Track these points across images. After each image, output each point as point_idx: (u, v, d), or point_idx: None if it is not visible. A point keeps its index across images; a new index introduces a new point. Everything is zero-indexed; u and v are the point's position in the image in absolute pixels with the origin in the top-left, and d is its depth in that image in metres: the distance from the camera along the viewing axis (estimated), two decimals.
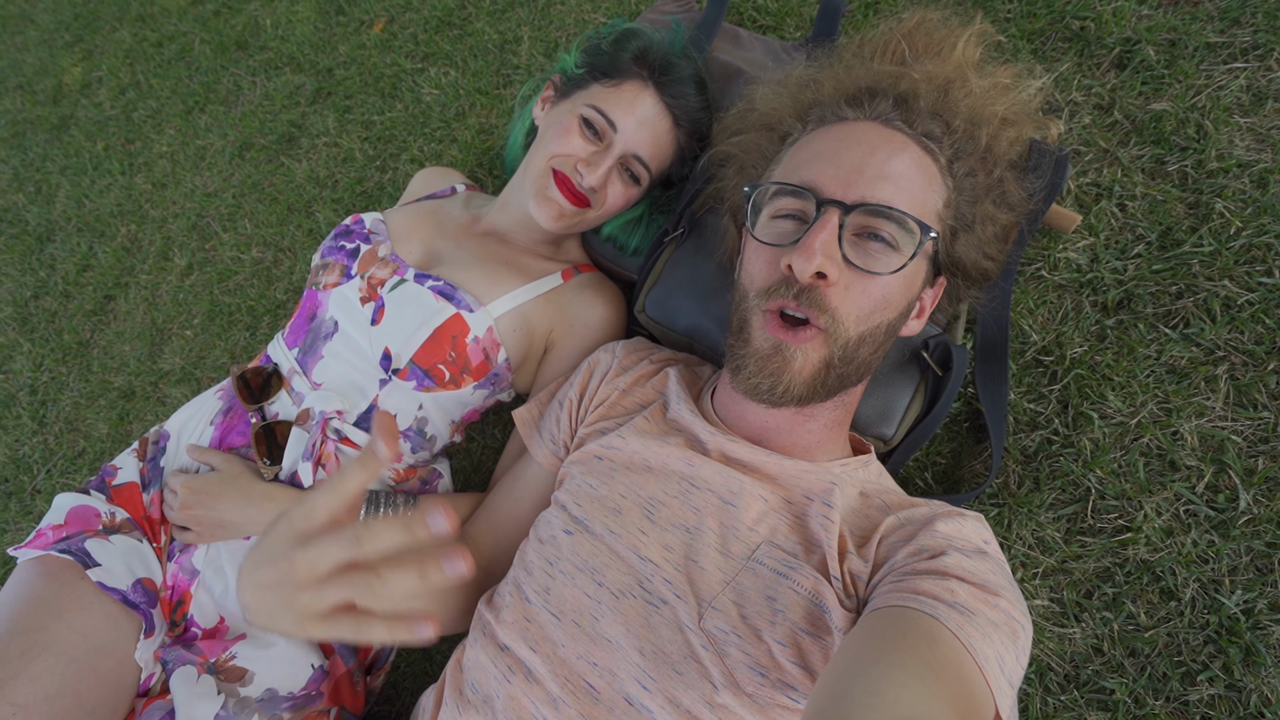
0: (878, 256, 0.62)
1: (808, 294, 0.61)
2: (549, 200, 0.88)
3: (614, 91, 0.88)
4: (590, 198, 0.88)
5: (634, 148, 0.87)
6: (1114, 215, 0.88)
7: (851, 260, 0.61)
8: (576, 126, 0.87)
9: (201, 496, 0.84)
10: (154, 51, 1.85)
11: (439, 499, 0.93)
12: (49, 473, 1.38)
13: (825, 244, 0.60)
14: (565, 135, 0.87)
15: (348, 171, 1.39)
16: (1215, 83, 0.88)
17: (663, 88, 0.87)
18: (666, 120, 0.88)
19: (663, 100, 0.88)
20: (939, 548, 0.55)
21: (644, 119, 0.87)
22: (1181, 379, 0.79)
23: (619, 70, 0.88)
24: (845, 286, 0.61)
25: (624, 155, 0.87)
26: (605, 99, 0.87)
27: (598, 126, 0.87)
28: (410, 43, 1.47)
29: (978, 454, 0.85)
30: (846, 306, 0.61)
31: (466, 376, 0.88)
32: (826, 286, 0.61)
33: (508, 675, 0.63)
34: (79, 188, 1.71)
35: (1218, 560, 0.72)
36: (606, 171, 0.86)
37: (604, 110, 0.87)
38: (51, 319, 1.56)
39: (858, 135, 0.66)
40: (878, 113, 0.67)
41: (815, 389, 0.63)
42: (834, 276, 0.60)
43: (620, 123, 0.86)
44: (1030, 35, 0.99)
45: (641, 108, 0.87)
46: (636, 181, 0.90)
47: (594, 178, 0.86)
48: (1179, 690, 0.69)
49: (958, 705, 0.43)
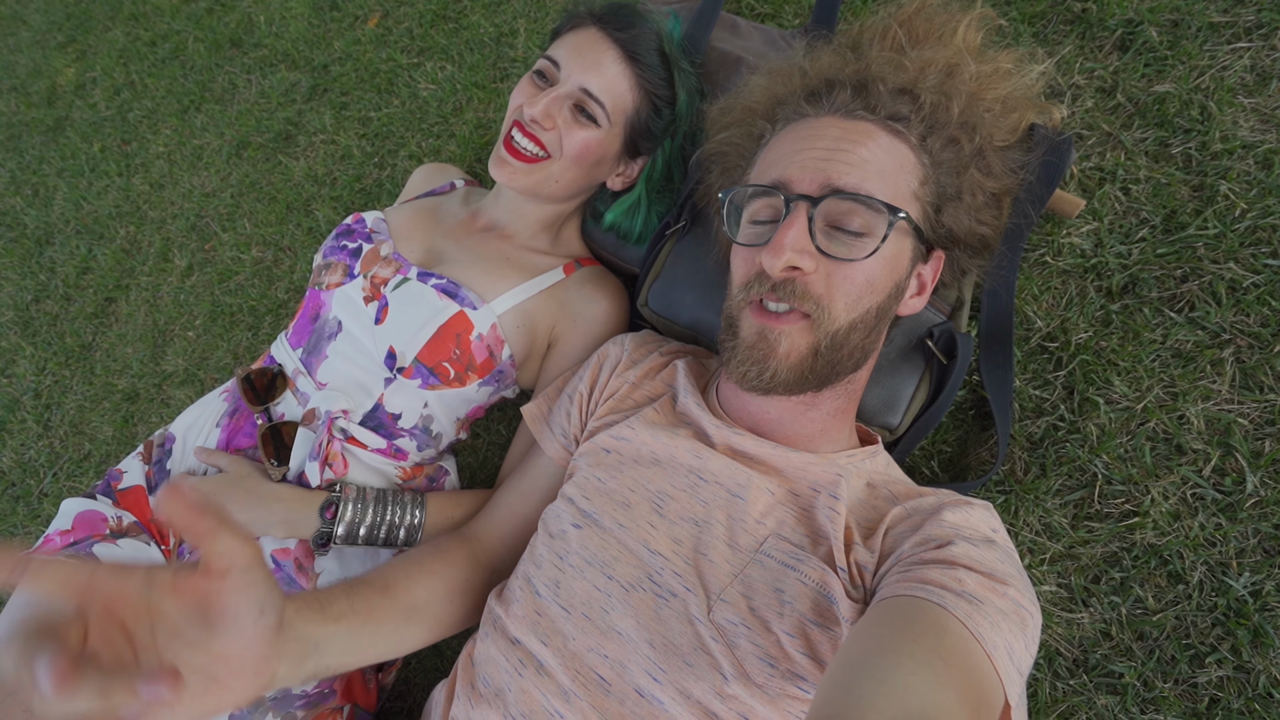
0: (851, 243, 0.63)
1: (784, 287, 0.62)
2: (504, 161, 0.87)
3: (564, 39, 0.88)
4: (548, 144, 0.86)
5: (582, 82, 0.85)
6: (1118, 199, 0.87)
7: (825, 250, 0.62)
8: (530, 79, 0.88)
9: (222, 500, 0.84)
10: (148, 51, 1.83)
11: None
12: (55, 476, 1.38)
13: (794, 238, 0.61)
14: (520, 90, 0.88)
15: (346, 169, 1.38)
16: (1219, 63, 0.88)
17: (606, 23, 0.87)
18: (614, 52, 0.86)
19: (609, 35, 0.87)
20: (946, 537, 0.55)
21: (588, 53, 0.86)
22: (1187, 363, 0.79)
23: (570, 22, 0.90)
24: (826, 275, 0.62)
25: (571, 91, 0.85)
26: (555, 48, 0.88)
27: (546, 72, 0.87)
28: (405, 37, 1.46)
29: (984, 441, 0.85)
30: (832, 294, 0.62)
31: (471, 374, 0.88)
32: (803, 278, 0.62)
33: (519, 669, 0.63)
34: (76, 190, 1.71)
35: (1225, 543, 0.72)
36: (549, 103, 0.84)
37: (551, 55, 0.87)
38: (53, 322, 1.56)
39: (820, 130, 0.67)
40: (837, 105, 0.68)
41: (804, 375, 0.64)
42: (808, 268, 0.61)
43: (564, 61, 0.86)
44: (1031, 18, 0.98)
45: (586, 44, 0.87)
46: (592, 120, 0.87)
47: (535, 109, 0.84)
48: (1187, 672, 0.70)
49: (967, 694, 0.43)
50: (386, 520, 0.86)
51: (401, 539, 0.87)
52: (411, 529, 0.87)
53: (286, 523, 0.84)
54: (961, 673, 0.44)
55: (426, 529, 0.87)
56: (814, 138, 0.66)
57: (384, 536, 0.86)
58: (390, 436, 0.90)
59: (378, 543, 0.86)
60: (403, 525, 0.86)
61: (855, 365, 0.67)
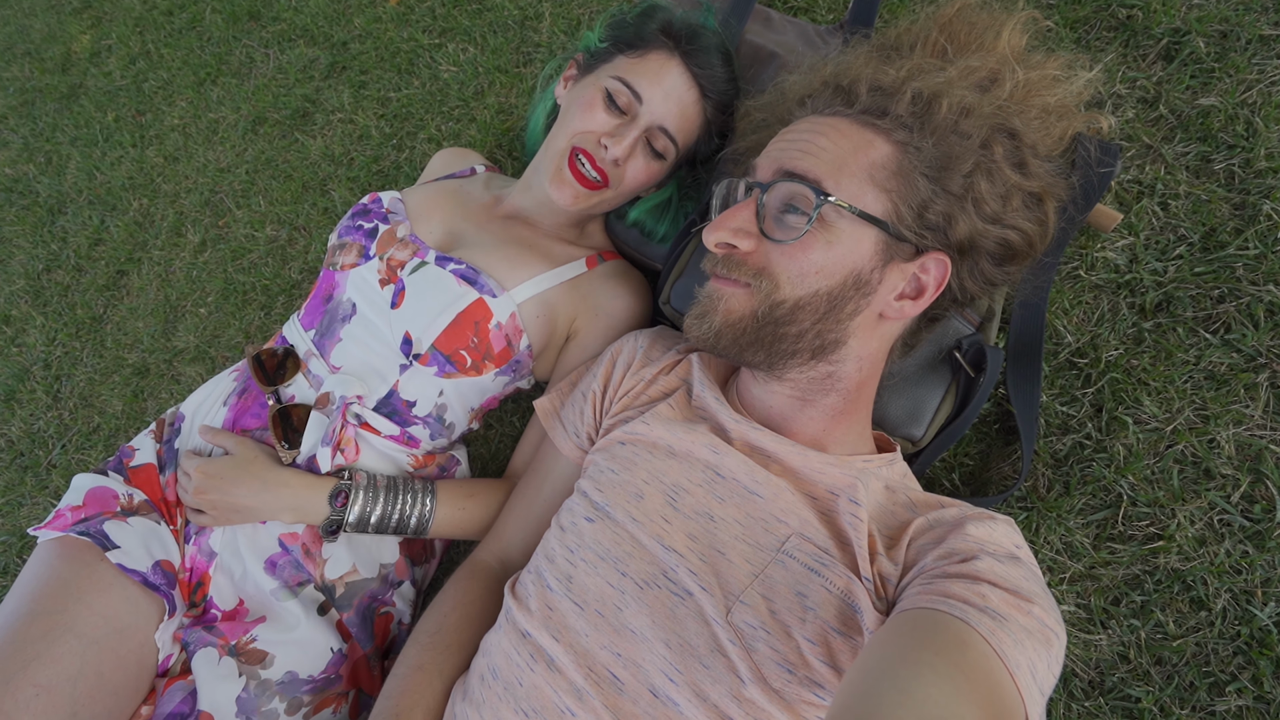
0: (791, 227, 0.64)
1: (725, 261, 0.66)
2: (565, 182, 0.86)
3: (639, 62, 0.85)
4: (610, 174, 0.86)
5: (660, 120, 0.85)
6: (1155, 214, 0.85)
7: (765, 232, 0.65)
8: (600, 100, 0.85)
9: (216, 481, 0.83)
10: (164, 20, 1.81)
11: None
12: (64, 448, 1.38)
13: (730, 218, 0.65)
14: (588, 110, 0.85)
15: (364, 149, 1.36)
16: (1268, 77, 0.85)
17: (689, 57, 0.85)
18: (694, 91, 0.86)
19: (690, 70, 0.85)
20: (970, 551, 0.54)
21: (670, 89, 0.85)
22: (1220, 385, 0.77)
23: (644, 41, 0.86)
24: (767, 254, 0.65)
25: (649, 128, 0.85)
26: (630, 70, 0.85)
27: (622, 100, 0.84)
28: (427, 17, 1.43)
29: (1006, 456, 0.83)
30: (773, 270, 0.64)
31: (488, 363, 0.87)
32: (741, 254, 0.65)
33: (530, 664, 0.63)
34: (90, 159, 1.69)
35: (1251, 571, 0.71)
36: (632, 143, 0.84)
37: (629, 81, 0.84)
38: (64, 293, 1.55)
39: (797, 128, 0.68)
40: (817, 106, 0.70)
41: (743, 334, 0.65)
42: (745, 247, 0.65)
43: (646, 93, 0.84)
44: (1074, 23, 0.96)
45: (668, 78, 0.84)
46: (661, 157, 0.88)
47: (620, 149, 0.83)
48: (1206, 700, 0.69)
49: (987, 710, 0.43)
50: (398, 509, 0.85)
51: (412, 527, 0.86)
52: (422, 518, 0.86)
53: (295, 509, 0.83)
54: (983, 688, 0.44)
55: (436, 518, 0.87)
56: (787, 133, 0.68)
57: (394, 525, 0.85)
58: (404, 424, 0.89)
59: (387, 531, 0.85)
60: (414, 514, 0.86)
61: (813, 350, 0.65)
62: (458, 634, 0.76)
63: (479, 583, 0.81)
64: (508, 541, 0.85)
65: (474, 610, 0.78)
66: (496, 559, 0.84)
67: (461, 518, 0.88)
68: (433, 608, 0.79)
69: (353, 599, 0.85)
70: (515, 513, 0.86)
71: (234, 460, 0.84)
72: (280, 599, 0.81)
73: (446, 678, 0.72)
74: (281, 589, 0.82)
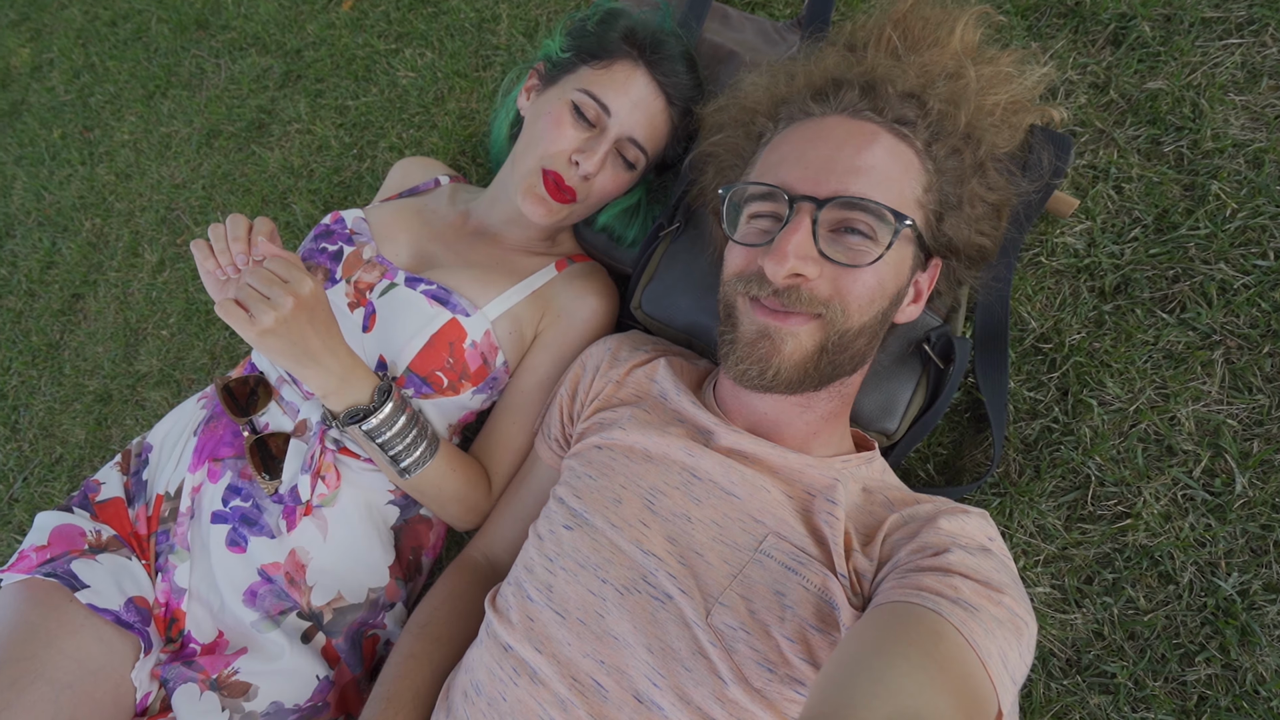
0: (856, 249, 0.62)
1: (789, 294, 0.61)
2: (539, 198, 0.85)
3: (604, 73, 0.84)
4: (578, 189, 0.85)
5: (629, 130, 0.84)
6: (1110, 198, 0.87)
7: (829, 256, 0.61)
8: (568, 115, 0.84)
9: (314, 305, 0.72)
10: (108, 31, 1.75)
11: None
12: (26, 481, 1.33)
13: (798, 245, 0.60)
14: (556, 127, 0.83)
15: (323, 160, 1.33)
16: (1211, 59, 0.87)
17: (654, 66, 0.84)
18: (660, 100, 0.86)
19: (655, 79, 0.85)
20: (942, 545, 0.55)
21: (638, 99, 0.84)
22: (1178, 364, 0.79)
23: (608, 50, 0.85)
24: (832, 279, 0.62)
25: (619, 139, 0.84)
26: (596, 82, 0.84)
27: (590, 113, 0.84)
28: (382, 21, 1.40)
29: (979, 444, 0.85)
30: (843, 296, 0.61)
31: (465, 382, 0.85)
32: (807, 284, 0.61)
33: (513, 678, 0.63)
34: (37, 179, 1.63)
35: (1214, 543, 0.73)
36: (603, 157, 0.84)
37: (595, 94, 0.83)
38: (18, 319, 1.50)
39: (826, 131, 0.66)
40: (844, 105, 0.67)
41: (806, 374, 0.63)
42: (812, 274, 0.61)
43: (614, 105, 0.83)
44: (1025, 11, 0.97)
45: (635, 88, 0.84)
46: (631, 167, 0.87)
47: (591, 163, 0.82)
48: (1177, 671, 0.71)
49: (961, 699, 0.44)
50: (410, 436, 0.80)
51: (404, 464, 0.81)
52: (419, 460, 0.82)
53: (341, 378, 0.76)
54: (956, 678, 0.45)
55: (426, 468, 0.82)
56: (819, 138, 0.65)
57: (396, 450, 0.80)
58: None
59: (385, 451, 0.80)
60: (416, 450, 0.81)
61: (853, 368, 0.67)
62: (447, 626, 0.78)
63: (467, 578, 0.83)
64: (494, 540, 0.86)
65: (463, 604, 0.81)
66: (484, 556, 0.86)
67: (442, 484, 0.84)
68: (424, 601, 0.82)
69: (341, 625, 0.83)
70: (503, 514, 0.87)
71: (333, 312, 0.77)
72: (262, 630, 0.80)
73: (436, 666, 0.75)
74: (263, 620, 0.80)
